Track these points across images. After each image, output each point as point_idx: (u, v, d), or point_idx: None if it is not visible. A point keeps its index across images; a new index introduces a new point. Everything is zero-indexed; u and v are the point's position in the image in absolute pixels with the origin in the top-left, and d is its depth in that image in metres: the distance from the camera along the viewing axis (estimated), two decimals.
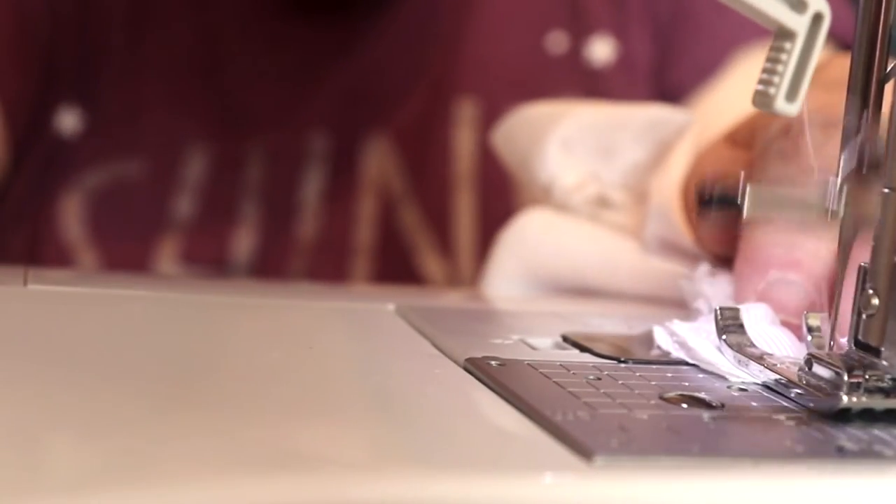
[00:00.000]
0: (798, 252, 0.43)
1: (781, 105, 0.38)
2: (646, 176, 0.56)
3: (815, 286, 0.43)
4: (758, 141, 0.48)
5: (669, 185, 0.54)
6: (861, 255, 0.39)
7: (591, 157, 0.58)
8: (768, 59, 0.38)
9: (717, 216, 0.38)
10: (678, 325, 0.43)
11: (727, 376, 0.41)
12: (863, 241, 0.39)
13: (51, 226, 0.79)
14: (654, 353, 0.43)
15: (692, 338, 0.42)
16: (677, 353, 0.43)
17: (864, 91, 0.39)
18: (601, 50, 0.83)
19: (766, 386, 0.40)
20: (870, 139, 0.38)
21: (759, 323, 0.42)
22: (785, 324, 0.43)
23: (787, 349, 0.42)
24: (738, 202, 0.38)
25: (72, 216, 0.79)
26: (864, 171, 0.38)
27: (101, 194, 0.79)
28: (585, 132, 0.58)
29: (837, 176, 0.39)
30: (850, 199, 0.38)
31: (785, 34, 0.38)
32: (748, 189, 0.38)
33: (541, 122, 0.59)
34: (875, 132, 0.38)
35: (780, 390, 0.39)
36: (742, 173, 0.38)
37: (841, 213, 0.39)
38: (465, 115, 0.81)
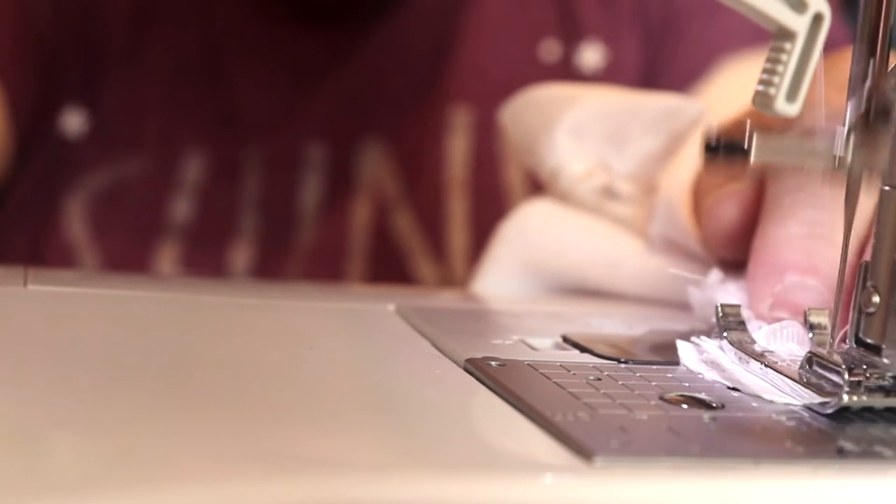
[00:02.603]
0: (815, 258, 0.43)
1: (782, 105, 0.38)
2: (656, 167, 0.55)
3: (832, 293, 0.42)
4: None
5: (678, 183, 0.53)
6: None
7: (601, 145, 0.57)
8: (768, 60, 0.38)
9: (724, 163, 0.37)
10: (707, 343, 0.42)
11: (773, 400, 0.38)
12: (868, 188, 0.38)
13: (54, 226, 0.79)
14: (641, 347, 0.43)
15: (725, 359, 0.41)
16: (709, 374, 0.41)
17: (869, 55, 0.38)
18: (591, 56, 0.83)
19: (808, 408, 0.38)
20: (877, 86, 0.37)
21: (787, 343, 0.42)
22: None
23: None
24: (745, 149, 0.37)
25: (75, 216, 0.79)
26: (871, 118, 0.37)
27: (103, 195, 0.80)
28: (596, 119, 0.57)
29: (845, 124, 0.38)
30: (857, 147, 0.37)
31: (785, 34, 0.38)
32: (755, 136, 0.37)
33: (551, 105, 0.58)
34: (882, 81, 0.37)
35: (817, 409, 0.37)
36: (748, 121, 0.37)
37: (848, 161, 0.38)
38: (459, 122, 0.82)
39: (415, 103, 0.82)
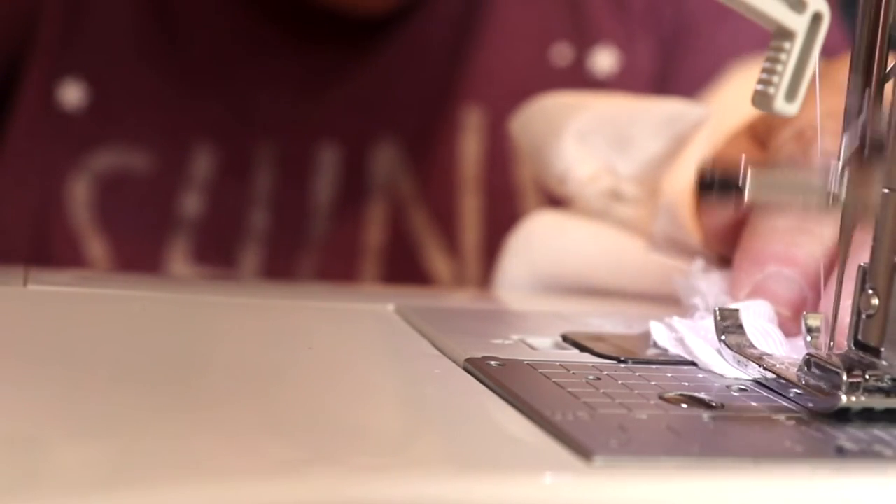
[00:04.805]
0: (796, 250, 0.45)
1: (781, 105, 0.38)
2: (661, 169, 0.57)
3: (809, 283, 0.44)
4: (772, 141, 0.48)
5: (681, 184, 0.54)
6: (859, 253, 0.39)
7: (608, 149, 0.58)
8: (767, 59, 0.38)
9: (718, 200, 0.38)
10: (678, 322, 0.44)
11: (724, 374, 0.41)
12: (862, 229, 0.39)
13: (58, 209, 0.79)
14: (650, 350, 0.43)
15: (690, 336, 0.43)
16: (675, 350, 0.43)
17: (863, 88, 0.39)
18: (604, 61, 0.84)
19: (764, 385, 0.40)
20: (871, 122, 0.38)
21: (758, 319, 0.43)
22: (780, 322, 0.44)
23: (779, 346, 0.42)
24: (739, 186, 0.37)
25: (79, 200, 0.80)
26: (865, 154, 0.38)
27: (108, 180, 0.80)
28: (602, 124, 0.59)
29: (839, 159, 0.38)
30: (851, 182, 0.38)
31: (784, 34, 0.38)
32: (749, 172, 0.37)
33: (558, 112, 0.60)
34: (877, 115, 0.38)
35: (779, 390, 0.39)
36: (743, 157, 0.38)
37: (842, 197, 0.38)
38: (472, 123, 0.83)
39: (429, 104, 0.83)
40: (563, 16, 0.85)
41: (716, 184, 0.37)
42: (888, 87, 0.38)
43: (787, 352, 0.42)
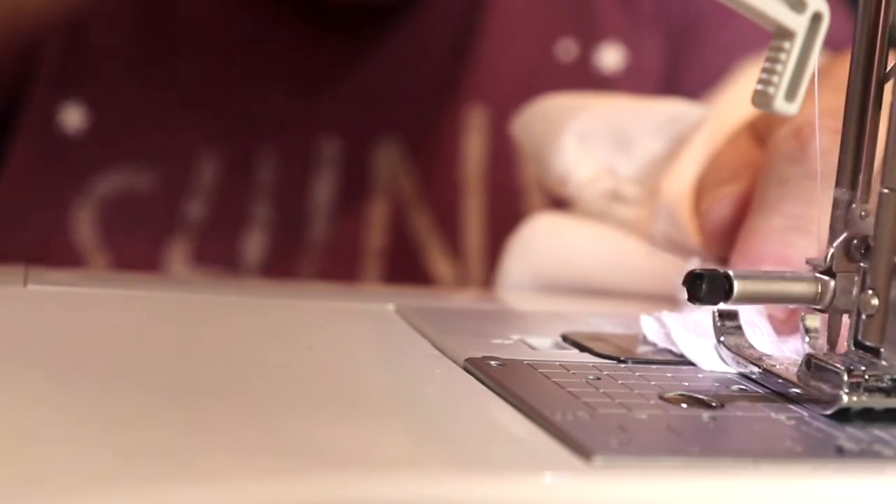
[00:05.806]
0: (790, 250, 0.45)
1: (781, 105, 0.38)
2: (661, 170, 0.57)
3: None
4: (769, 139, 0.49)
5: (679, 185, 0.54)
6: None
7: (608, 150, 0.59)
8: (767, 59, 0.38)
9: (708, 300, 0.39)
10: (666, 316, 0.44)
11: (713, 370, 0.42)
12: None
13: (62, 232, 0.79)
14: (650, 349, 0.44)
15: (678, 331, 0.43)
16: (663, 344, 0.43)
17: (864, 91, 0.39)
18: (611, 57, 0.84)
19: (764, 385, 0.40)
20: (856, 222, 0.38)
21: (747, 311, 0.43)
22: (774, 324, 0.44)
23: (766, 336, 0.43)
24: (726, 293, 0.38)
25: (84, 223, 0.79)
26: (850, 253, 0.38)
27: (113, 203, 0.80)
28: (603, 125, 0.59)
29: (826, 254, 0.39)
30: (837, 284, 0.38)
31: (784, 34, 0.38)
32: (735, 283, 0.38)
33: (559, 114, 0.60)
34: (864, 203, 0.38)
35: (779, 390, 0.39)
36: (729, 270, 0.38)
37: (827, 300, 0.39)
38: (475, 121, 0.82)
39: (431, 103, 0.83)
40: (569, 11, 0.85)
41: (703, 294, 0.38)
42: (887, 89, 0.38)
43: (773, 343, 0.43)
